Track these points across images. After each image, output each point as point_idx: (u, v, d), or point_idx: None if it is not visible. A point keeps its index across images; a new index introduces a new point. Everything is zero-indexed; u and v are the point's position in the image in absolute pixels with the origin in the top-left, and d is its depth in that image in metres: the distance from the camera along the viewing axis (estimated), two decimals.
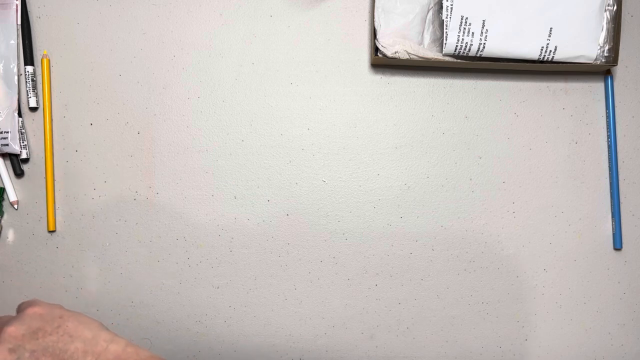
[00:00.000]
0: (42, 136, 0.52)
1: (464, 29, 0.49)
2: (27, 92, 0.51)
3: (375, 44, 0.50)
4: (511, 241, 0.53)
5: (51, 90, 0.52)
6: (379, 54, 0.50)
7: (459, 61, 0.50)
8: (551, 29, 0.49)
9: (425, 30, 0.51)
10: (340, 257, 0.53)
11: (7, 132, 0.50)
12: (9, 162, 0.52)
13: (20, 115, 0.51)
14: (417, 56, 0.50)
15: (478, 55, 0.50)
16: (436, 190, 0.53)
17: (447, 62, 0.50)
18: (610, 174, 0.53)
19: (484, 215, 0.53)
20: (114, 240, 0.52)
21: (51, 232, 0.52)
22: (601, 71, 0.53)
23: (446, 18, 0.49)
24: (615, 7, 0.51)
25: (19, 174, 0.51)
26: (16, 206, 0.52)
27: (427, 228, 0.53)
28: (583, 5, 0.49)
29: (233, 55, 0.52)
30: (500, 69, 0.52)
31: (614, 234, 0.53)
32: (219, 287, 0.53)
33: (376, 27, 0.50)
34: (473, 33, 0.49)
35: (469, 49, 0.49)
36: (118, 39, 0.52)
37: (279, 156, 0.53)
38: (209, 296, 0.53)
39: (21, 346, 0.37)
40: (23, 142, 0.51)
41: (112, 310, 0.52)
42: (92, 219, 0.52)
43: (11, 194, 0.51)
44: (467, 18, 0.48)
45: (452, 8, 0.48)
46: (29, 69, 0.51)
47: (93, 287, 0.52)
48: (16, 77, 0.51)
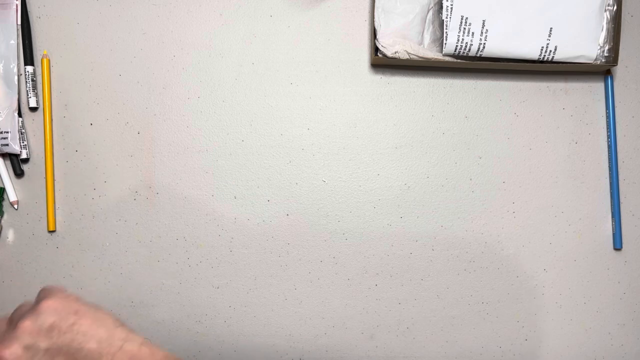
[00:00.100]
0: (42, 136, 0.52)
1: (464, 29, 0.49)
2: (27, 92, 0.51)
3: (375, 44, 0.50)
4: (511, 241, 0.53)
5: (51, 90, 0.52)
6: (379, 54, 0.50)
7: (459, 61, 0.50)
8: (551, 29, 0.49)
9: (425, 30, 0.51)
10: (340, 257, 0.53)
11: (7, 132, 0.50)
12: (9, 162, 0.52)
13: (20, 115, 0.51)
14: (417, 56, 0.50)
15: (478, 55, 0.50)
16: (436, 190, 0.53)
17: (447, 62, 0.50)
18: (610, 174, 0.53)
19: (484, 215, 0.53)
20: (114, 240, 0.52)
21: (51, 232, 0.52)
22: (601, 71, 0.53)
23: (446, 18, 0.49)
24: (615, 7, 0.51)
25: (19, 174, 0.51)
26: (16, 206, 0.52)
27: (427, 228, 0.53)
28: (583, 5, 0.49)
29: (233, 55, 0.52)
30: (500, 69, 0.52)
31: (614, 234, 0.53)
32: (219, 287, 0.53)
33: (376, 27, 0.50)
34: (473, 33, 0.49)
35: (469, 49, 0.49)
36: (118, 39, 0.52)
37: (279, 156, 0.53)
38: (209, 296, 0.53)
39: (36, 344, 0.36)
40: (23, 142, 0.51)
41: (112, 310, 0.52)
42: (92, 219, 0.52)
43: (11, 194, 0.51)
44: (467, 18, 0.48)
45: (452, 8, 0.48)
46: (29, 69, 0.51)
47: (93, 287, 0.52)
48: (16, 77, 0.51)
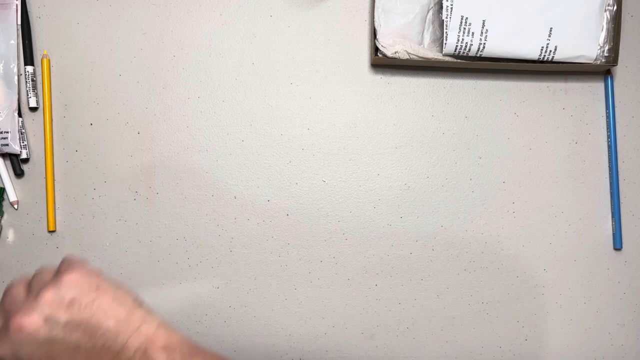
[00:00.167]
0: (42, 136, 0.52)
1: (464, 29, 0.49)
2: (27, 92, 0.51)
3: (375, 44, 0.50)
4: (511, 241, 0.53)
5: (51, 90, 0.52)
6: (379, 54, 0.50)
7: (459, 61, 0.50)
8: (551, 29, 0.49)
9: (425, 30, 0.51)
10: (340, 257, 0.53)
11: (7, 132, 0.50)
12: (9, 162, 0.52)
13: (20, 115, 0.51)
14: (417, 56, 0.50)
15: (478, 55, 0.50)
16: (436, 190, 0.53)
17: (447, 62, 0.50)
18: (610, 174, 0.53)
19: (484, 215, 0.53)
20: (114, 240, 0.52)
21: (51, 232, 0.52)
22: (601, 71, 0.53)
23: (446, 18, 0.49)
24: (615, 7, 0.51)
25: (19, 174, 0.51)
26: (16, 206, 0.52)
27: (427, 228, 0.53)
28: (583, 5, 0.49)
29: (233, 55, 0.52)
30: (500, 69, 0.52)
31: (614, 234, 0.53)
32: (219, 287, 0.52)
33: (376, 27, 0.50)
34: (473, 33, 0.49)
35: (469, 49, 0.49)
36: (118, 39, 0.52)
37: (279, 156, 0.53)
38: (209, 296, 0.53)
39: (55, 316, 0.36)
40: (23, 142, 0.51)
41: None
42: (92, 219, 0.52)
43: (11, 194, 0.51)
44: (467, 18, 0.48)
45: (452, 8, 0.48)
46: (29, 69, 0.51)
47: None
48: (16, 77, 0.51)
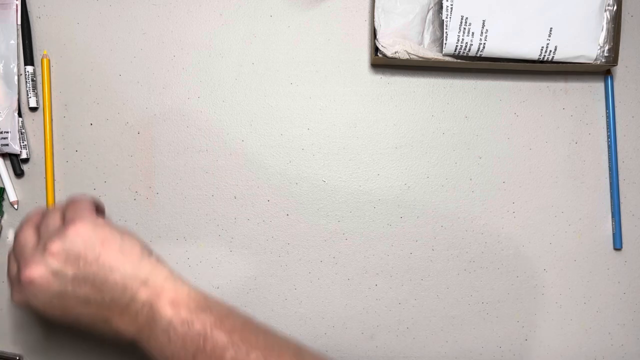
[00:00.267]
0: (42, 136, 0.52)
1: (464, 29, 0.49)
2: (27, 92, 0.51)
3: (375, 44, 0.50)
4: (511, 241, 0.53)
5: (51, 90, 0.52)
6: (379, 54, 0.50)
7: (459, 61, 0.50)
8: (551, 29, 0.49)
9: (425, 30, 0.51)
10: (340, 257, 0.53)
11: (7, 132, 0.50)
12: (9, 162, 0.52)
13: (20, 115, 0.51)
14: (417, 56, 0.50)
15: (478, 55, 0.50)
16: (436, 190, 0.53)
17: (447, 62, 0.50)
18: (610, 174, 0.53)
19: (484, 215, 0.53)
20: None
21: None
22: (601, 71, 0.53)
23: (446, 18, 0.49)
24: (615, 7, 0.51)
25: (19, 174, 0.51)
26: (16, 206, 0.52)
27: (427, 228, 0.53)
28: (583, 5, 0.49)
29: (233, 55, 0.52)
30: (500, 69, 0.52)
31: (614, 234, 0.53)
32: (219, 287, 0.52)
33: (376, 27, 0.50)
34: (473, 33, 0.49)
35: (469, 49, 0.49)
36: (118, 39, 0.52)
37: (279, 156, 0.53)
38: None
39: (63, 270, 0.37)
40: (23, 142, 0.51)
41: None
42: None
43: (11, 194, 0.51)
44: (467, 18, 0.48)
45: (452, 8, 0.48)
46: (29, 69, 0.51)
47: None
48: (16, 77, 0.51)
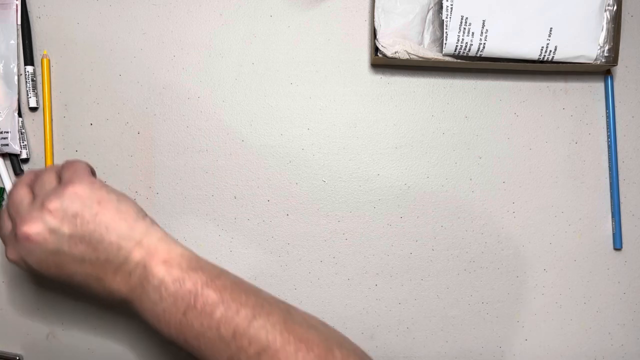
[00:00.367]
0: (42, 136, 0.52)
1: (464, 29, 0.49)
2: (27, 92, 0.51)
3: (375, 44, 0.50)
4: (511, 241, 0.53)
5: (51, 90, 0.52)
6: (379, 54, 0.50)
7: (459, 61, 0.50)
8: (551, 29, 0.49)
9: (425, 30, 0.51)
10: (340, 257, 0.53)
11: (7, 132, 0.50)
12: (9, 162, 0.52)
13: (20, 115, 0.51)
14: (417, 56, 0.50)
15: (478, 55, 0.50)
16: (436, 190, 0.53)
17: (447, 62, 0.50)
18: (610, 174, 0.53)
19: (484, 215, 0.53)
20: None
21: None
22: (601, 71, 0.53)
23: (446, 18, 0.49)
24: (615, 7, 0.51)
25: (19, 174, 0.51)
26: None
27: (427, 228, 0.53)
28: (583, 5, 0.49)
29: (233, 55, 0.52)
30: (500, 69, 0.52)
31: (614, 234, 0.53)
32: None
33: (376, 27, 0.50)
34: (473, 33, 0.49)
35: (469, 49, 0.49)
36: (118, 39, 0.52)
37: (279, 156, 0.53)
38: None
39: (60, 229, 0.37)
40: (23, 142, 0.51)
41: (114, 310, 0.52)
42: None
43: None
44: (467, 18, 0.48)
45: (452, 8, 0.48)
46: (29, 69, 0.51)
47: None
48: (16, 77, 0.51)
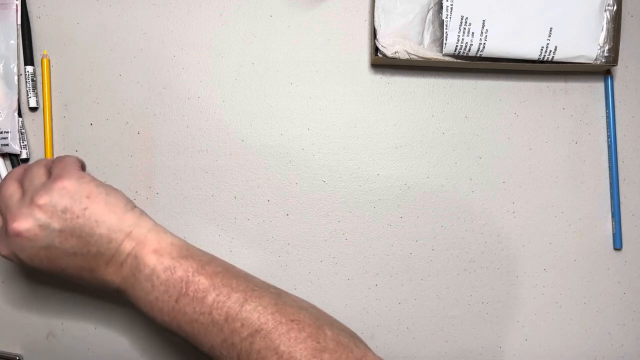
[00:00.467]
0: (42, 136, 0.52)
1: (464, 29, 0.49)
2: (27, 92, 0.51)
3: (375, 44, 0.50)
4: (511, 241, 0.53)
5: (51, 90, 0.52)
6: (379, 54, 0.50)
7: (459, 61, 0.50)
8: (551, 29, 0.49)
9: (425, 30, 0.51)
10: (340, 257, 0.53)
11: (7, 132, 0.50)
12: (9, 162, 0.52)
13: (20, 115, 0.51)
14: (417, 56, 0.50)
15: (478, 55, 0.50)
16: (436, 190, 0.53)
17: (447, 62, 0.50)
18: (610, 174, 0.53)
19: (484, 215, 0.53)
20: None
21: None
22: (601, 71, 0.53)
23: (446, 18, 0.49)
24: (615, 7, 0.51)
25: None
26: None
27: (427, 228, 0.53)
28: (583, 5, 0.49)
29: (233, 55, 0.52)
30: (500, 69, 0.52)
31: (614, 234, 0.53)
32: None
33: (376, 27, 0.50)
34: (473, 33, 0.49)
35: (469, 49, 0.49)
36: (118, 39, 0.52)
37: (279, 156, 0.53)
38: None
39: (51, 224, 0.38)
40: (23, 142, 0.51)
41: (114, 310, 0.52)
42: None
43: None
44: (467, 18, 0.48)
45: (452, 8, 0.48)
46: (29, 69, 0.51)
47: None
48: (16, 77, 0.51)
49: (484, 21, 0.49)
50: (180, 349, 0.53)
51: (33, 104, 0.51)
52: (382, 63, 0.52)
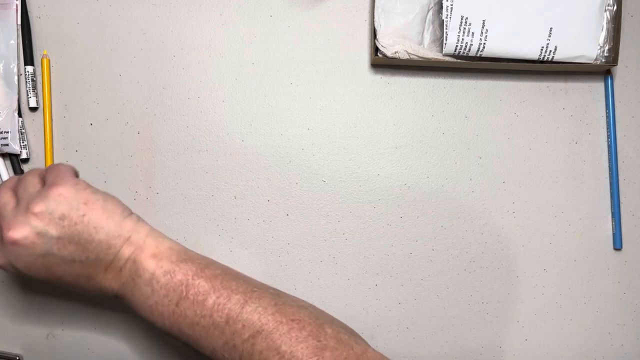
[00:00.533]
0: (42, 136, 0.52)
1: (464, 29, 0.49)
2: (27, 92, 0.51)
3: (375, 44, 0.50)
4: (511, 241, 0.53)
5: (51, 90, 0.52)
6: (379, 54, 0.50)
7: (459, 61, 0.50)
8: (551, 29, 0.49)
9: (425, 30, 0.51)
10: (340, 257, 0.53)
11: (7, 132, 0.50)
12: (9, 162, 0.52)
13: (20, 115, 0.51)
14: (417, 56, 0.50)
15: (478, 55, 0.50)
16: (436, 190, 0.53)
17: (447, 62, 0.50)
18: (610, 174, 0.53)
19: (484, 215, 0.53)
20: None
21: None
22: (601, 71, 0.53)
23: (446, 18, 0.49)
24: (615, 7, 0.51)
25: (19, 174, 0.51)
26: None
27: (427, 228, 0.53)
28: (583, 5, 0.49)
29: (233, 55, 0.52)
30: (500, 69, 0.52)
31: (614, 234, 0.53)
32: None
33: (376, 27, 0.50)
34: (473, 33, 0.49)
35: (469, 49, 0.49)
36: (118, 39, 0.52)
37: (279, 156, 0.53)
38: None
39: (48, 232, 0.37)
40: (23, 142, 0.51)
41: (114, 311, 0.52)
42: None
43: None
44: (467, 18, 0.48)
45: (452, 8, 0.48)
46: (29, 69, 0.51)
47: None
48: (16, 77, 0.51)
49: (484, 21, 0.49)
50: (181, 352, 0.53)
51: (33, 104, 0.51)
52: (382, 63, 0.52)
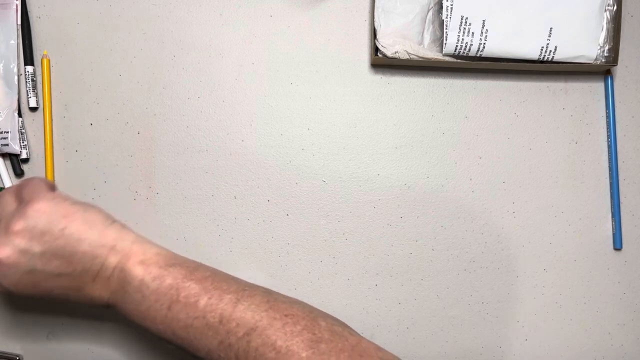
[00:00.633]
0: (42, 136, 0.52)
1: (464, 29, 0.49)
2: (27, 92, 0.51)
3: (375, 44, 0.50)
4: (511, 241, 0.53)
5: (51, 90, 0.52)
6: (379, 54, 0.50)
7: (459, 61, 0.50)
8: (551, 29, 0.49)
9: (425, 30, 0.51)
10: (340, 257, 0.53)
11: (7, 132, 0.50)
12: (9, 162, 0.52)
13: (20, 115, 0.51)
14: (417, 56, 0.50)
15: (478, 55, 0.50)
16: (436, 190, 0.53)
17: (447, 62, 0.50)
18: (610, 174, 0.53)
19: (484, 215, 0.53)
20: None
21: None
22: (601, 71, 0.53)
23: (446, 18, 0.49)
24: (615, 7, 0.51)
25: (19, 174, 0.51)
26: None
27: (427, 228, 0.53)
28: (583, 5, 0.49)
29: (233, 55, 0.52)
30: (500, 69, 0.52)
31: (614, 234, 0.53)
32: None
33: (376, 27, 0.50)
34: (473, 33, 0.49)
35: (469, 49, 0.49)
36: (118, 39, 0.52)
37: (279, 156, 0.53)
38: None
39: (31, 248, 0.37)
40: (23, 142, 0.51)
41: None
42: None
43: None
44: (467, 18, 0.48)
45: (452, 8, 0.48)
46: (29, 69, 0.51)
47: None
48: (16, 77, 0.51)
49: (484, 21, 0.49)
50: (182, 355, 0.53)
51: (33, 104, 0.51)
52: (382, 63, 0.52)
